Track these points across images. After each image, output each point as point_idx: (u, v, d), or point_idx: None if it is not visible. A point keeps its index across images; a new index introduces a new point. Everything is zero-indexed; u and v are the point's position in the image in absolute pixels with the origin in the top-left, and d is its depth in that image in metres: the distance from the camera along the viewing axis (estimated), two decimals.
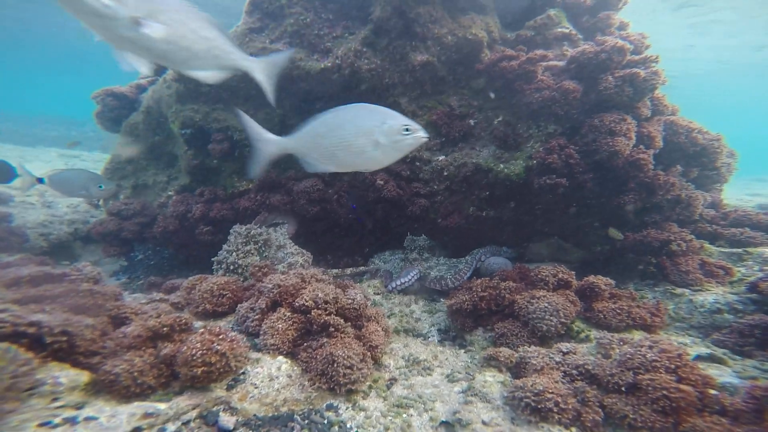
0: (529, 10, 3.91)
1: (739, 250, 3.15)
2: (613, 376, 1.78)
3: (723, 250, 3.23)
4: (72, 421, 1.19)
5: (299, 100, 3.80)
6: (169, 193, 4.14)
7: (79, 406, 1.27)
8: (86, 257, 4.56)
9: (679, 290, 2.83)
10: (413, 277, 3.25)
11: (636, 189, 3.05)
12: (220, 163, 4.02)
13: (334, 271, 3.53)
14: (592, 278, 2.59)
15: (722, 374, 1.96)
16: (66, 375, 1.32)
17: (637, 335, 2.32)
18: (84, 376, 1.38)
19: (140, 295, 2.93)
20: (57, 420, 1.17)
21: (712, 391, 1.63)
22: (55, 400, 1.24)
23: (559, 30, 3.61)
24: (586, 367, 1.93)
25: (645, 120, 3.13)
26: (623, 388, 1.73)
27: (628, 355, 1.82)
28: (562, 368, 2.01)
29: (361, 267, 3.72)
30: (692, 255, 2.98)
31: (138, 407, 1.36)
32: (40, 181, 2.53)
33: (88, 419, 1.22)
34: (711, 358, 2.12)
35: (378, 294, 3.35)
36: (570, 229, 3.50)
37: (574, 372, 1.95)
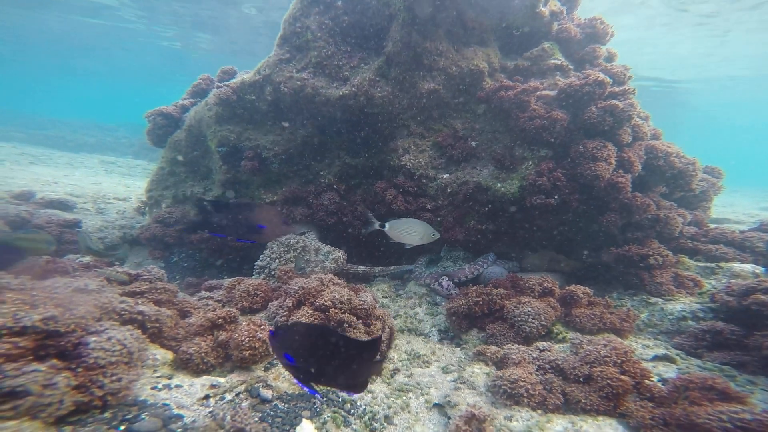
0: (529, 37, 4.30)
1: (713, 264, 3.47)
2: (574, 369, 2.20)
3: (700, 264, 3.56)
4: (167, 387, 1.70)
5: (321, 122, 4.30)
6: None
7: (169, 377, 1.79)
8: (132, 258, 5.19)
9: (653, 299, 3.19)
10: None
11: (617, 209, 3.42)
12: (249, 177, 4.57)
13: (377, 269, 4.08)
14: (573, 287, 2.98)
15: (668, 370, 2.34)
16: (159, 353, 1.84)
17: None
18: (169, 355, 1.90)
19: (182, 294, 3.47)
20: (160, 385, 1.69)
21: (648, 382, 2.03)
22: (155, 371, 1.76)
23: (552, 61, 3.98)
24: (556, 362, 2.34)
25: (626, 146, 3.49)
26: (581, 379, 2.14)
27: (587, 352, 2.23)
28: (537, 363, 2.43)
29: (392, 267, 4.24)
30: (668, 268, 3.32)
31: (206, 380, 1.87)
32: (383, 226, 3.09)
33: (177, 386, 1.73)
34: (665, 358, 2.50)
35: (386, 297, 3.82)
36: (562, 242, 3.88)
37: (547, 366, 2.36)
